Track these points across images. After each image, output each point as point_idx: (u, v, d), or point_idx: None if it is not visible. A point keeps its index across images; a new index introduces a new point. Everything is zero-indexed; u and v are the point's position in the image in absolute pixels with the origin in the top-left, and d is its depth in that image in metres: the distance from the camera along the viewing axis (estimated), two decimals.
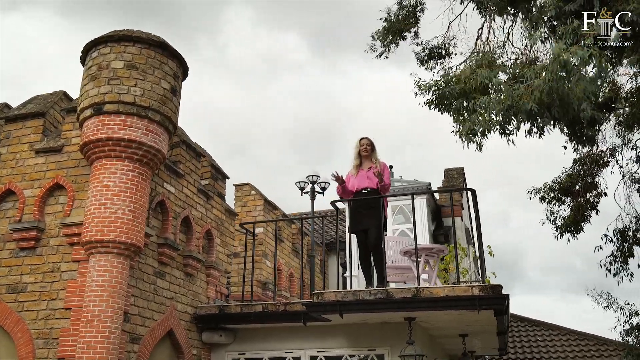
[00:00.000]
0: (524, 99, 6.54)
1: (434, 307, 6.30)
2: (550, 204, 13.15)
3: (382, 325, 7.28)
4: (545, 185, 12.99)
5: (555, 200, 13.04)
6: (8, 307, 6.11)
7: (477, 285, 6.21)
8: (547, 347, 14.26)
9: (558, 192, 12.73)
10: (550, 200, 13.09)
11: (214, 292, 8.09)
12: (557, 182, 12.80)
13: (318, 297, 6.62)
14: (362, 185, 7.41)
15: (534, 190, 13.21)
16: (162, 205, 6.99)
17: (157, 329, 6.67)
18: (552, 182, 12.89)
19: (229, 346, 7.83)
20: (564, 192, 12.62)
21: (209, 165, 8.37)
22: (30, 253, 6.28)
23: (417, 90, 8.36)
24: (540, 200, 13.18)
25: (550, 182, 12.92)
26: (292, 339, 7.63)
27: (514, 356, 14.17)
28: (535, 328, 15.64)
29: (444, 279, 8.96)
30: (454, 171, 15.93)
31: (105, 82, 6.11)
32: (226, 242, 8.52)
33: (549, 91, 6.25)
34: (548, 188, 12.96)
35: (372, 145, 7.55)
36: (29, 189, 6.52)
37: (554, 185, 12.80)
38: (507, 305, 6.38)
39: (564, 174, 12.58)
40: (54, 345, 5.80)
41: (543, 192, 13.08)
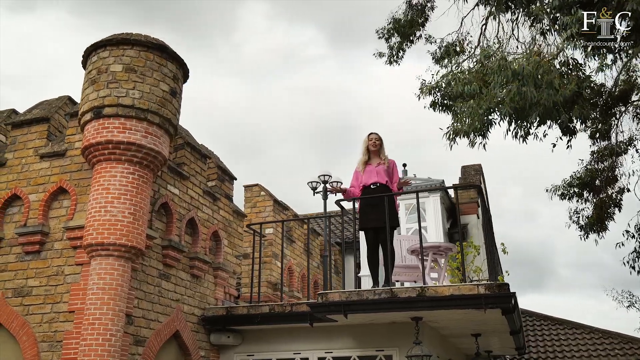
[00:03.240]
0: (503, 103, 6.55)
1: (439, 307, 6.17)
2: (571, 200, 12.85)
3: (390, 326, 7.18)
4: (565, 181, 12.69)
5: (576, 197, 12.73)
6: (14, 310, 6.18)
7: (483, 283, 6.06)
8: (570, 346, 13.92)
9: (578, 187, 12.43)
10: (571, 197, 12.78)
11: (222, 293, 8.08)
12: (576, 177, 12.49)
13: (322, 297, 6.55)
14: (370, 180, 7.31)
15: (553, 187, 12.92)
16: (166, 207, 7.00)
17: (162, 331, 6.68)
18: (571, 177, 12.59)
19: (237, 347, 7.81)
20: (584, 187, 12.31)
21: (216, 166, 8.37)
22: (35, 257, 6.34)
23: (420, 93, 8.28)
24: (561, 198, 12.88)
25: (569, 178, 12.62)
26: (300, 340, 7.58)
27: (536, 355, 13.89)
28: (558, 327, 15.30)
29: (457, 277, 8.81)
30: (470, 168, 15.71)
31: (105, 85, 6.14)
32: (234, 244, 8.50)
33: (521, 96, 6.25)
34: (567, 184, 12.66)
35: (380, 141, 7.46)
36: (33, 194, 6.59)
37: (573, 181, 12.49)
38: (515, 303, 6.22)
39: (583, 168, 12.28)
40: (58, 348, 5.85)
41: (562, 188, 12.78)
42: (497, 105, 6.83)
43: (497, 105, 6.83)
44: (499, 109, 6.80)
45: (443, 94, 7.94)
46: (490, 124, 7.28)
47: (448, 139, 7.83)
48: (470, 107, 7.04)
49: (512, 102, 6.57)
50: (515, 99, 6.51)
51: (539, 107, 6.53)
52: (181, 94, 6.75)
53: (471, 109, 7.03)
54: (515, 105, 6.61)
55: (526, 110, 6.57)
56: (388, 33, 11.20)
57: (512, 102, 6.57)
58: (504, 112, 6.75)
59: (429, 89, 8.11)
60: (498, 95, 6.82)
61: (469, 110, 7.09)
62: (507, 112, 6.72)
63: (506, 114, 6.77)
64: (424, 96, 8.23)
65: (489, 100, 6.86)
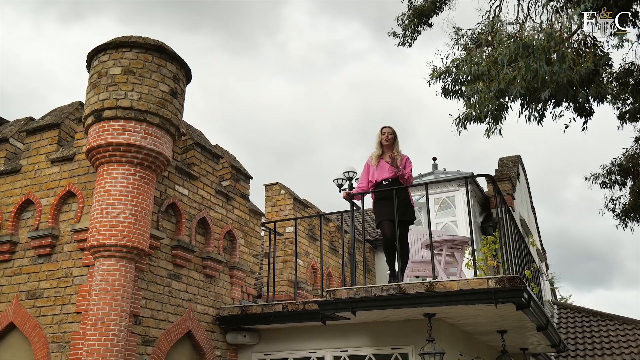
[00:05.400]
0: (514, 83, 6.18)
1: (448, 302, 5.91)
2: (612, 189, 12.20)
3: (405, 323, 6.96)
4: (604, 167, 12.06)
5: (617, 185, 12.08)
6: (27, 312, 6.34)
7: (493, 277, 5.77)
8: (619, 342, 13.24)
9: (618, 174, 11.79)
10: (612, 186, 12.14)
11: (239, 292, 8.06)
12: (617, 164, 11.85)
13: (330, 294, 6.41)
14: (382, 176, 7.16)
15: (592, 175, 12.31)
16: (175, 208, 7.02)
17: (173, 330, 6.70)
18: (611, 164, 11.95)
19: (254, 347, 7.77)
20: (625, 174, 11.66)
21: (229, 166, 8.35)
22: (47, 260, 6.48)
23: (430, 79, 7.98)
24: (602, 186, 12.25)
25: (610, 165, 11.99)
26: (315, 339, 7.47)
27: (583, 352, 13.27)
28: (608, 323, 14.59)
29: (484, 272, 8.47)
30: (508, 160, 15.19)
31: (104, 88, 6.21)
32: (252, 243, 8.46)
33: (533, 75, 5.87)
34: (607, 171, 12.02)
35: (394, 135, 7.27)
36: (45, 198, 6.74)
37: (613, 168, 11.85)
38: (529, 298, 5.89)
39: (624, 155, 11.63)
40: (67, 349, 5.94)
41: (603, 177, 12.15)
42: (507, 86, 6.47)
43: (507, 86, 6.47)
44: (510, 90, 6.45)
45: (454, 78, 7.63)
46: (503, 108, 6.93)
47: (457, 125, 7.53)
48: (479, 90, 6.71)
49: (522, 81, 6.22)
50: (525, 77, 6.17)
51: (551, 84, 6.17)
52: (183, 94, 6.75)
53: (481, 91, 6.71)
54: (527, 84, 6.26)
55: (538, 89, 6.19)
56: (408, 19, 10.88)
57: (523, 80, 6.22)
58: (515, 93, 6.38)
59: (439, 74, 7.82)
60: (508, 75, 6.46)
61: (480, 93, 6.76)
62: (518, 93, 6.36)
63: (517, 94, 6.41)
64: (434, 82, 7.94)
65: (499, 81, 6.52)
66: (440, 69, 7.86)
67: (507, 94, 6.55)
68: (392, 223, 6.75)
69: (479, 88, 6.77)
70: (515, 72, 6.41)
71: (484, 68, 6.84)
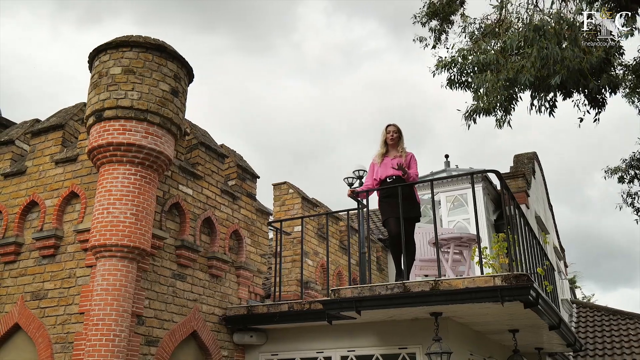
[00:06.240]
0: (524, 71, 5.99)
1: (454, 301, 5.77)
2: (631, 183, 11.89)
3: (412, 322, 6.84)
4: (624, 160, 11.75)
5: (636, 179, 11.77)
6: (31, 313, 6.35)
7: (499, 275, 5.62)
8: (639, 341, 12.93)
9: (638, 168, 11.48)
10: (631, 180, 11.83)
11: (246, 292, 8.00)
12: (636, 157, 11.54)
13: (335, 293, 6.31)
14: (386, 174, 7.05)
15: (610, 170, 12.01)
16: (178, 208, 6.99)
17: (177, 331, 6.66)
18: (631, 157, 11.65)
19: (261, 347, 7.71)
20: None
21: (235, 165, 8.30)
22: (51, 260, 6.49)
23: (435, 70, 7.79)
24: (619, 181, 11.95)
25: (628, 158, 11.68)
26: (322, 339, 7.38)
27: (602, 351, 12.98)
28: (628, 321, 14.28)
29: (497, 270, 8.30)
30: (524, 156, 14.96)
31: (105, 88, 6.19)
32: (259, 242, 8.40)
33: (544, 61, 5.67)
34: (627, 165, 11.71)
35: (399, 133, 7.18)
36: (49, 199, 6.75)
37: (632, 162, 11.55)
38: (537, 296, 5.73)
39: None
40: (70, 349, 5.94)
41: (621, 171, 11.84)
42: (516, 75, 6.27)
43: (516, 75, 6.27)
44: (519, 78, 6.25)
45: (460, 69, 7.45)
46: (513, 98, 6.74)
47: (466, 118, 7.34)
48: (487, 79, 6.52)
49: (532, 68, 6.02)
50: (535, 64, 5.97)
51: (562, 70, 5.97)
52: (185, 93, 6.71)
53: (489, 81, 6.52)
54: (537, 72, 6.06)
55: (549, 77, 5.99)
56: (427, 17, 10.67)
57: (533, 67, 6.02)
58: (524, 81, 6.18)
59: (444, 65, 7.64)
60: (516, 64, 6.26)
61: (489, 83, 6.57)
62: (527, 81, 6.16)
63: (527, 82, 6.21)
64: (439, 72, 7.77)
65: (507, 70, 6.33)
66: (445, 59, 7.69)
67: (516, 83, 6.36)
68: (398, 220, 6.64)
69: (487, 78, 6.59)
70: (525, 60, 6.22)
71: (492, 56, 6.67)
